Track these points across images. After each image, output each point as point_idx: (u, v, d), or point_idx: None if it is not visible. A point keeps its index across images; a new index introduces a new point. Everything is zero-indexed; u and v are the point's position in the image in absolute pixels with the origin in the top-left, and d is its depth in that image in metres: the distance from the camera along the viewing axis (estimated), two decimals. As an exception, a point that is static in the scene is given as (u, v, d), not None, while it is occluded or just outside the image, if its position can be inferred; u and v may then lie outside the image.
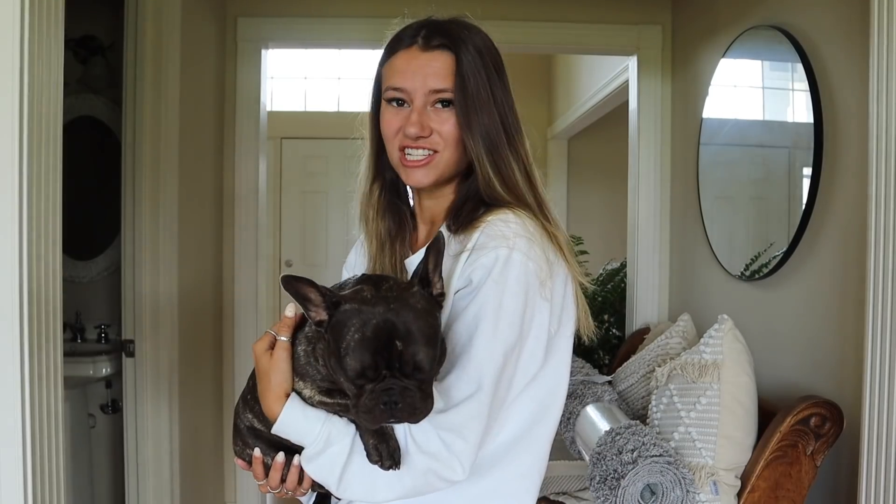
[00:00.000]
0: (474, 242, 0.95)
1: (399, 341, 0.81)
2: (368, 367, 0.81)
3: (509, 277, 0.92)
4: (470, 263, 0.94)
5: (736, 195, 2.38)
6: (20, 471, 1.23)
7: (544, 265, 0.95)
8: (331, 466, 0.89)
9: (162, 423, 2.31)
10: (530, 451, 1.02)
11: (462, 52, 1.00)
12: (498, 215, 0.97)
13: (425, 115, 1.00)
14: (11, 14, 1.21)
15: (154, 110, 2.26)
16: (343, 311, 0.84)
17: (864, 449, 1.45)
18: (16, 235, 1.23)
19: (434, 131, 1.01)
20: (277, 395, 0.92)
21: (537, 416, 1.01)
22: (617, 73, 3.38)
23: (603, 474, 1.65)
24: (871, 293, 1.44)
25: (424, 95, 1.00)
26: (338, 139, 5.12)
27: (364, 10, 2.87)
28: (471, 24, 1.05)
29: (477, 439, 0.90)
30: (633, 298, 3.04)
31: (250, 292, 2.93)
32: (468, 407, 0.89)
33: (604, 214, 4.79)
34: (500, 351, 0.91)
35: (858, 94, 1.67)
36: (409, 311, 0.83)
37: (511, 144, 1.01)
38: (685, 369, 1.75)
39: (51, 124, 1.31)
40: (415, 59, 1.01)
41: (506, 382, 0.94)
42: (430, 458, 0.88)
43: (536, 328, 0.96)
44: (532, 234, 0.96)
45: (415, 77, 1.00)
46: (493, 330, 0.91)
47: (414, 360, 0.81)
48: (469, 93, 0.98)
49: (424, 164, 1.02)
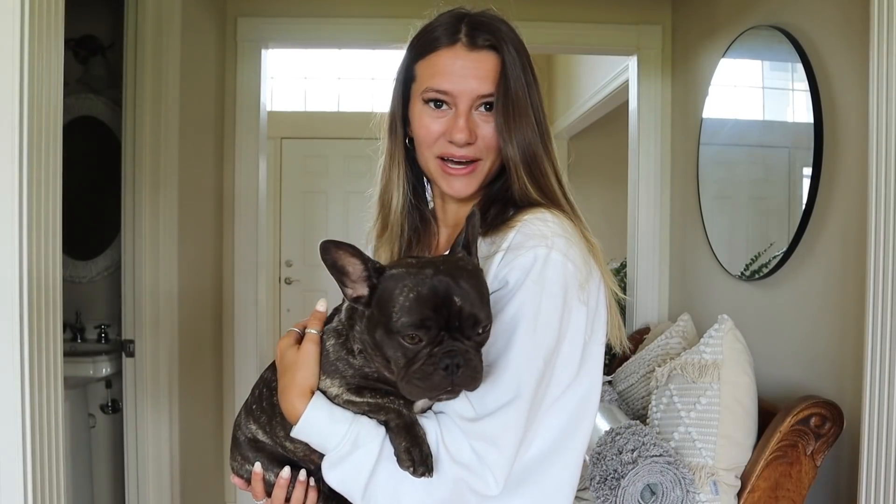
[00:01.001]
0: (509, 242, 0.90)
1: (458, 297, 0.76)
2: (429, 320, 0.76)
3: (548, 278, 0.86)
4: (506, 264, 0.89)
5: (736, 195, 2.38)
6: (20, 471, 1.23)
7: (583, 267, 0.90)
8: (356, 473, 0.82)
9: (162, 423, 2.31)
10: (563, 466, 0.94)
11: (506, 52, 0.94)
12: (535, 214, 0.92)
13: (472, 121, 0.95)
14: (11, 14, 1.21)
15: (154, 110, 2.26)
16: (390, 275, 0.80)
17: (864, 449, 1.45)
18: (16, 235, 1.23)
19: (479, 137, 0.96)
20: (302, 390, 0.85)
21: (569, 429, 0.94)
22: (617, 73, 3.38)
23: (603, 474, 1.65)
24: (871, 293, 1.44)
25: (471, 100, 0.95)
26: (338, 139, 5.12)
27: (364, 10, 2.87)
28: (504, 19, 0.99)
29: (513, 451, 0.84)
30: (633, 298, 3.04)
31: (250, 292, 2.93)
32: (505, 415, 0.83)
33: (604, 214, 4.78)
34: (540, 356, 0.85)
35: (858, 94, 1.67)
36: (461, 271, 0.79)
37: (546, 150, 0.97)
38: (685, 369, 1.75)
39: (51, 124, 1.31)
40: (460, 60, 0.94)
41: (543, 390, 0.88)
42: (462, 468, 0.82)
43: (573, 333, 0.90)
44: (571, 234, 0.91)
45: (462, 80, 0.94)
46: (531, 334, 0.85)
47: (474, 318, 0.77)
48: (511, 97, 0.93)
49: (468, 173, 0.97)
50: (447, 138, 0.96)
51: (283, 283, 5.34)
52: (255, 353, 2.94)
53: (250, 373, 2.93)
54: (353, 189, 5.13)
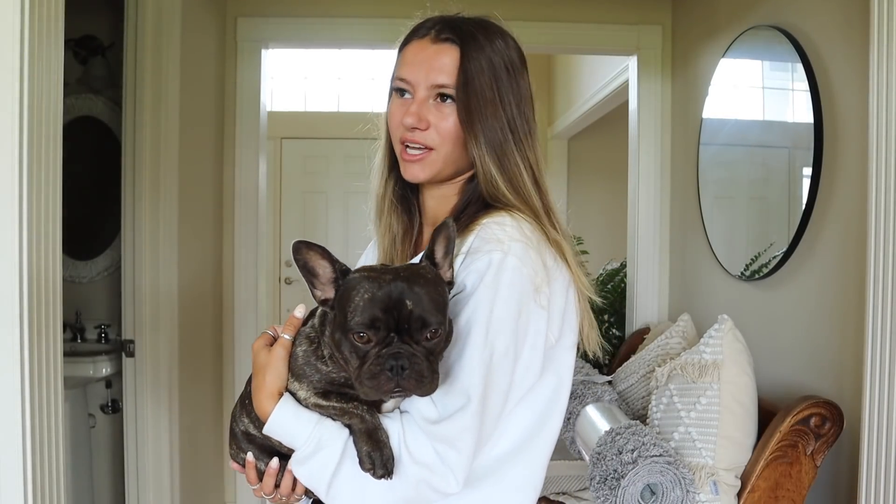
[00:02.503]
0: (468, 246, 0.92)
1: (409, 301, 0.80)
2: (378, 320, 0.79)
3: (502, 283, 0.88)
4: (464, 268, 0.91)
5: (736, 195, 2.38)
6: (20, 471, 1.23)
7: (541, 271, 0.91)
8: (321, 471, 0.87)
9: (162, 422, 2.31)
10: (526, 465, 0.98)
11: (470, 48, 0.97)
12: (494, 218, 0.94)
13: (425, 108, 0.98)
14: (11, 14, 1.21)
15: (154, 110, 2.26)
16: (352, 278, 0.84)
17: (864, 449, 1.45)
18: (16, 235, 1.23)
19: (432, 126, 0.98)
20: (270, 392, 0.90)
21: (535, 429, 0.98)
22: (617, 73, 3.38)
23: (603, 474, 1.65)
24: (871, 293, 1.44)
25: (427, 88, 0.98)
26: (338, 139, 5.12)
27: (364, 10, 2.87)
28: (491, 24, 1.02)
29: (470, 451, 0.87)
30: (633, 298, 3.04)
31: (250, 292, 2.93)
32: (460, 418, 0.86)
33: (604, 214, 4.79)
34: (490, 360, 0.88)
35: (858, 94, 1.67)
36: (419, 277, 0.82)
37: (518, 147, 0.98)
38: (685, 369, 1.75)
39: (51, 124, 1.31)
40: (422, 51, 0.99)
41: (499, 393, 0.90)
42: (423, 468, 0.85)
43: (532, 336, 0.92)
44: (529, 238, 0.92)
45: (420, 69, 0.99)
46: (483, 338, 0.87)
47: (423, 321, 0.80)
48: (472, 90, 0.96)
49: (420, 160, 1.00)
50: (402, 122, 1.00)
51: (283, 283, 5.34)
52: (255, 353, 2.94)
53: (250, 372, 2.93)
54: (353, 189, 5.12)
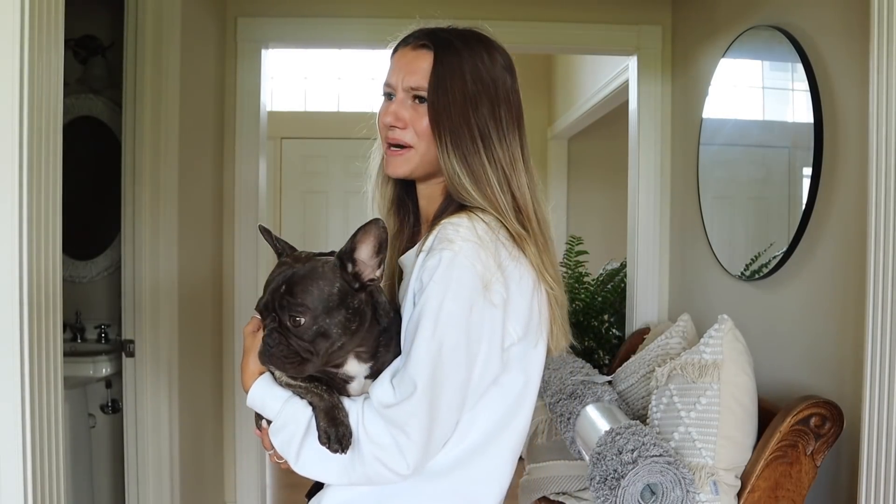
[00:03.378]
0: (428, 245, 0.98)
1: (284, 285, 0.91)
2: (262, 300, 0.93)
3: (451, 279, 0.93)
4: (421, 265, 0.97)
5: (736, 195, 2.38)
6: (20, 471, 1.23)
7: (493, 269, 0.96)
8: (289, 443, 0.96)
9: (162, 423, 2.31)
10: (492, 458, 1.03)
11: (443, 53, 1.03)
12: (451, 219, 0.99)
13: (403, 108, 1.05)
14: (11, 14, 1.21)
15: (154, 110, 2.26)
16: (278, 261, 0.97)
17: (864, 449, 1.45)
18: (16, 235, 1.23)
19: (409, 125, 1.05)
20: (252, 372, 1.01)
21: (502, 423, 1.03)
22: (617, 73, 3.38)
23: (603, 474, 1.65)
24: (871, 293, 1.44)
25: (404, 90, 1.06)
26: (338, 139, 5.12)
27: (364, 11, 2.87)
28: (474, 35, 1.08)
29: (420, 437, 0.92)
30: (633, 298, 3.04)
31: (250, 292, 2.92)
32: (408, 405, 0.92)
33: (604, 214, 4.79)
34: (439, 352, 0.92)
35: (858, 94, 1.67)
36: (308, 270, 0.92)
37: (488, 148, 1.02)
38: (685, 369, 1.75)
39: (51, 124, 1.31)
40: (403, 57, 1.07)
41: (453, 385, 0.95)
42: (378, 448, 0.92)
43: (489, 333, 0.97)
44: (481, 238, 0.96)
45: (398, 73, 1.06)
46: (431, 331, 0.93)
47: (289, 304, 0.90)
48: (441, 92, 1.02)
49: (399, 156, 1.07)
50: (382, 121, 1.08)
51: (283, 283, 5.34)
52: (255, 353, 2.94)
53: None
54: (353, 189, 5.12)
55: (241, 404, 2.94)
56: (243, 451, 2.97)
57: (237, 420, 2.95)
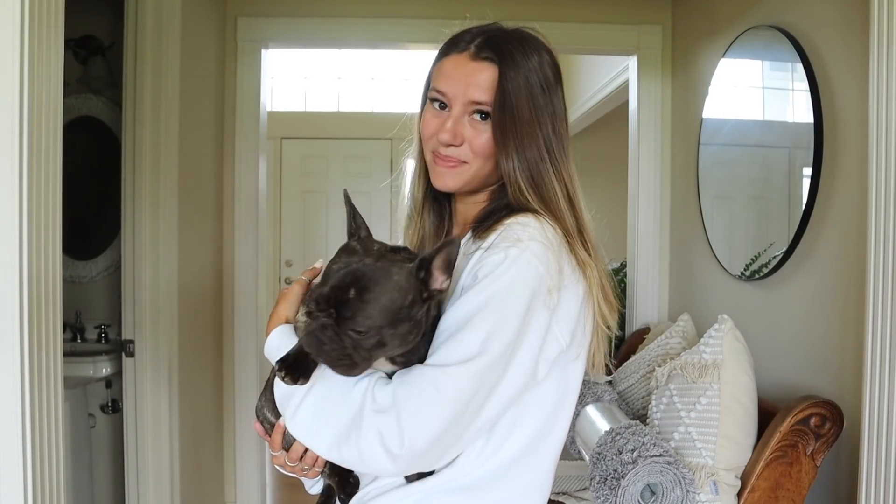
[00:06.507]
0: (489, 242, 0.94)
1: (353, 291, 0.81)
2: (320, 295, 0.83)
3: (516, 276, 0.89)
4: (479, 261, 0.93)
5: (736, 195, 2.38)
6: (20, 471, 1.23)
7: (555, 274, 0.92)
8: (289, 397, 0.91)
9: (162, 423, 2.31)
10: (533, 469, 0.99)
11: (508, 67, 0.98)
12: (518, 218, 0.95)
13: (460, 124, 1.00)
14: (11, 14, 1.21)
15: (154, 110, 2.26)
16: (347, 244, 0.89)
17: (864, 449, 1.45)
18: (16, 235, 1.23)
19: (466, 141, 1.00)
20: (279, 318, 0.97)
21: (541, 435, 0.99)
22: (617, 73, 3.38)
23: (603, 474, 1.65)
24: (871, 293, 1.44)
25: (463, 104, 1.00)
26: (338, 139, 5.13)
27: (364, 11, 2.87)
28: (531, 38, 1.04)
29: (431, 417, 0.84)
30: (633, 298, 3.04)
31: (250, 292, 2.93)
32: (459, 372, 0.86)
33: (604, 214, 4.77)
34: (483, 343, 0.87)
35: (858, 94, 1.67)
36: (383, 273, 0.83)
37: (554, 166, 1.00)
38: (685, 369, 1.75)
39: (51, 124, 1.31)
40: (461, 66, 1.00)
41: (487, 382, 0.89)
42: (379, 416, 0.85)
43: (531, 336, 0.92)
44: (550, 241, 0.93)
45: (458, 84, 1.00)
46: (482, 321, 0.87)
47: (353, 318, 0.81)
48: (508, 110, 0.97)
49: (452, 167, 1.02)
50: (437, 137, 1.01)
51: (283, 283, 5.34)
52: (255, 353, 2.94)
53: (250, 373, 2.93)
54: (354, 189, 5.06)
55: (241, 404, 2.94)
56: (243, 451, 2.97)
57: (237, 420, 2.95)
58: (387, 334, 0.83)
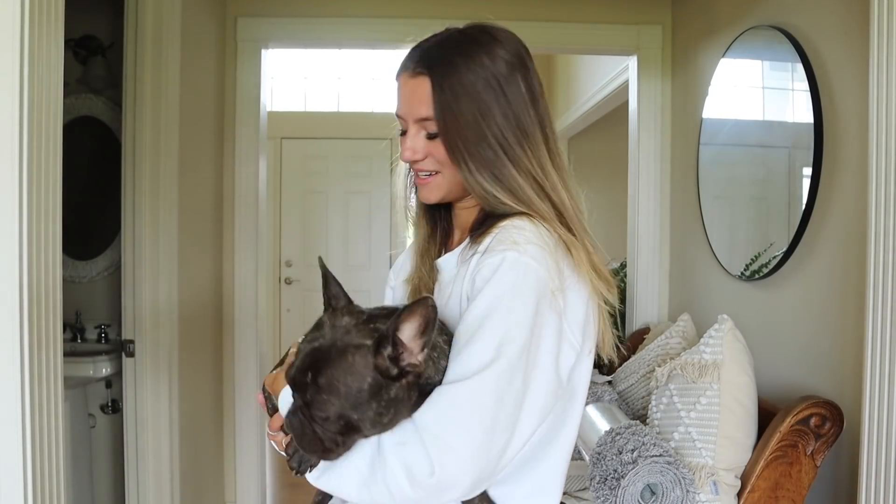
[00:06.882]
0: (484, 247, 0.93)
1: (311, 369, 0.79)
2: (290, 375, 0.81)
3: (516, 279, 0.88)
4: (477, 265, 0.92)
5: (736, 195, 2.38)
6: (20, 471, 1.23)
7: (555, 276, 0.91)
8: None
9: (162, 423, 2.30)
10: (543, 472, 0.99)
11: (440, 75, 0.97)
12: (512, 221, 0.95)
13: (418, 140, 1.01)
14: (11, 14, 1.21)
15: (154, 110, 2.26)
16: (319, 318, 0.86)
17: (864, 449, 1.44)
18: (16, 235, 1.23)
19: (429, 154, 1.01)
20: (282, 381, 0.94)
21: (550, 436, 0.99)
22: (617, 73, 3.38)
23: (603, 474, 1.65)
24: (871, 293, 1.44)
25: (415, 123, 1.01)
26: (338, 139, 5.12)
27: (364, 10, 2.87)
28: (478, 36, 1.00)
29: (460, 441, 0.81)
30: (633, 298, 3.04)
31: (250, 292, 2.93)
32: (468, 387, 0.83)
33: (604, 214, 4.77)
34: (498, 349, 0.85)
35: (858, 94, 1.67)
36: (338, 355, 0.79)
37: (512, 158, 0.97)
38: (685, 369, 1.75)
39: (51, 124, 1.31)
40: (405, 86, 1.01)
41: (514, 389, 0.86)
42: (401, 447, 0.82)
43: (546, 339, 0.90)
44: (546, 243, 0.93)
45: (405, 105, 1.01)
46: (492, 330, 0.85)
47: (313, 393, 0.78)
48: (449, 118, 0.96)
49: (428, 183, 1.04)
50: (403, 158, 1.04)
51: (283, 283, 5.34)
52: (255, 352, 2.94)
53: (250, 372, 2.93)
54: (354, 189, 5.13)
55: (241, 404, 2.94)
56: (243, 451, 2.97)
57: (237, 420, 2.95)
58: (353, 418, 0.79)
